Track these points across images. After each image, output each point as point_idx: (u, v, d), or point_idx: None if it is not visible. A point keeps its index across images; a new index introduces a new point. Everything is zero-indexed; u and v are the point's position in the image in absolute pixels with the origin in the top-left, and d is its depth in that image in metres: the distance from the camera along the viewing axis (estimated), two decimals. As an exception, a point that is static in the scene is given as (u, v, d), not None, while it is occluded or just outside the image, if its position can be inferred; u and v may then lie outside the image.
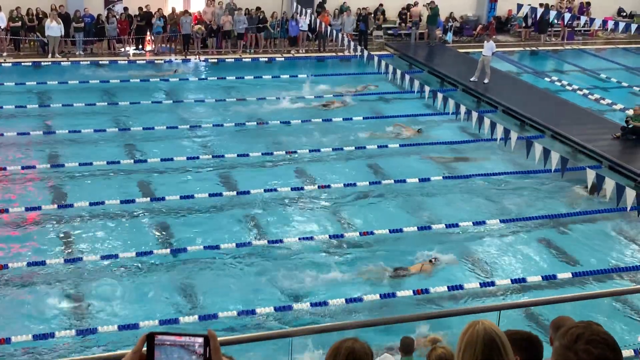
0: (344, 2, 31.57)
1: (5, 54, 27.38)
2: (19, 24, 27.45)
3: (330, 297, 12.81)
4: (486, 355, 3.34)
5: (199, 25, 28.98)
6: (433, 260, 14.19)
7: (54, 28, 26.94)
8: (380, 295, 12.88)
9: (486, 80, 25.47)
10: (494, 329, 3.40)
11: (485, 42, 26.27)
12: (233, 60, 28.69)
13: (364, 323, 9.86)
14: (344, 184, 17.52)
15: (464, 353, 3.38)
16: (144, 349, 2.42)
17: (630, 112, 21.36)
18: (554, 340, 5.56)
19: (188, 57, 28.61)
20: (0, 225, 15.17)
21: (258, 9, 29.93)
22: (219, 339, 2.41)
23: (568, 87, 27.09)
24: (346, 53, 29.31)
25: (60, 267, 13.57)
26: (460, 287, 13.23)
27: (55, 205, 15.97)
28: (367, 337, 4.60)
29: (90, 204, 15.93)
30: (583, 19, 31.44)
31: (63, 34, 27.34)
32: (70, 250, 14.26)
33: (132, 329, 11.72)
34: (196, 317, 12.12)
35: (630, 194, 15.38)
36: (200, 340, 2.39)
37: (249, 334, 11.08)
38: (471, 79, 25.76)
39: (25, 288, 12.97)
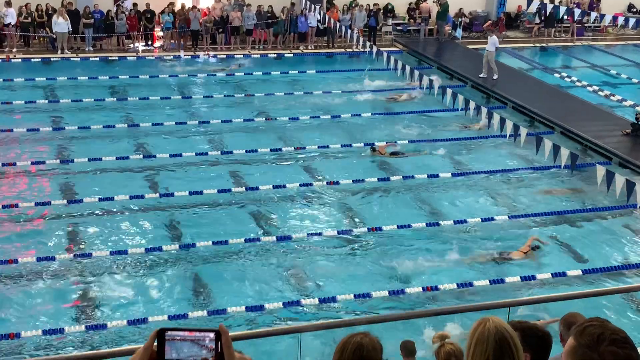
0: (354, -1, 31.59)
1: (15, 50, 27.46)
2: (29, 20, 27.53)
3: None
4: (497, 353, 3.29)
5: (208, 16, 29.02)
6: (537, 246, 14.60)
7: (61, 24, 27.00)
8: (389, 292, 12.87)
9: (495, 76, 25.38)
10: (505, 326, 3.36)
11: (488, 37, 26.18)
12: (242, 56, 28.69)
13: (374, 319, 9.84)
14: (353, 180, 17.50)
15: (475, 351, 3.34)
16: (155, 344, 2.41)
17: (637, 108, 21.26)
18: (565, 337, 5.56)
19: (197, 52, 28.63)
20: (9, 220, 15.23)
21: (293, 4, 29.87)
22: (230, 334, 2.40)
23: (578, 84, 26.98)
24: (355, 49, 29.26)
25: (70, 262, 13.61)
26: (470, 284, 13.21)
27: (65, 201, 16.01)
28: (377, 334, 4.59)
29: (100, 200, 15.98)
30: (593, 14, 31.29)
31: (71, 30, 27.39)
32: (79, 246, 14.30)
33: (141, 324, 11.76)
34: (205, 312, 12.15)
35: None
36: (212, 335, 2.38)
37: (258, 330, 11.12)
38: (480, 75, 25.69)
39: (35, 283, 13.01)
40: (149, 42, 29.20)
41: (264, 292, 12.99)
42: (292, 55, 29.32)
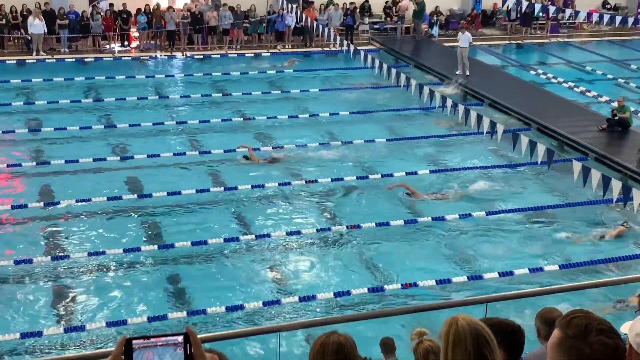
0: (331, -2, 31.61)
1: (-11, 51, 27.23)
2: (3, 21, 27.26)
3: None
4: (477, 350, 3.24)
5: (183, 12, 28.88)
6: (626, 225, 15.42)
7: (37, 26, 26.76)
8: (369, 289, 12.91)
9: (467, 73, 25.54)
10: (478, 322, 3.32)
11: (460, 33, 26.32)
12: (219, 56, 28.62)
13: (351, 317, 9.87)
14: (331, 179, 17.52)
15: (454, 351, 3.25)
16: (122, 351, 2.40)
17: (615, 104, 21.46)
18: (543, 332, 5.59)
19: (174, 53, 28.51)
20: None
21: (271, 5, 29.79)
22: (209, 334, 2.42)
23: (554, 80, 27.18)
24: (332, 48, 29.27)
25: (48, 265, 13.51)
26: (448, 280, 13.27)
27: (42, 203, 15.90)
28: (352, 331, 4.61)
29: (77, 201, 15.87)
30: (568, 11, 31.53)
31: (46, 31, 27.16)
32: (57, 248, 14.20)
33: (121, 325, 11.71)
34: (184, 313, 12.11)
35: (616, 185, 15.46)
36: (180, 338, 2.40)
37: (238, 330, 11.11)
38: (456, 72, 25.82)
39: (12, 286, 12.90)
40: (125, 43, 29.03)
41: (244, 291, 12.97)
42: (269, 54, 29.27)
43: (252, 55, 28.90)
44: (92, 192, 16.37)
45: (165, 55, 28.23)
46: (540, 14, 32.90)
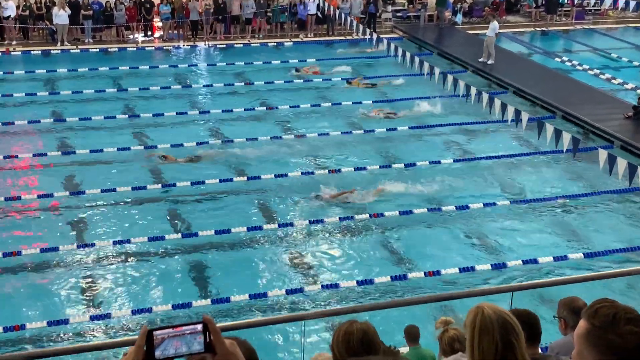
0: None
1: (14, 42, 27.44)
2: (27, 12, 27.48)
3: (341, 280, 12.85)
4: (504, 338, 3.23)
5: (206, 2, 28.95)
6: None
7: (62, 16, 26.97)
8: (392, 277, 12.89)
9: (490, 61, 25.35)
10: (503, 310, 3.31)
11: (490, 22, 26.19)
12: (242, 45, 28.65)
13: (375, 306, 9.88)
14: (355, 168, 17.50)
15: (481, 340, 3.24)
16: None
17: (639, 91, 21.23)
18: (570, 321, 5.55)
19: (197, 43, 28.58)
20: (12, 212, 15.25)
21: None
22: (232, 323, 2.43)
23: (579, 67, 26.93)
24: (355, 36, 29.17)
25: (73, 253, 13.65)
26: (472, 268, 13.23)
27: (67, 192, 16.04)
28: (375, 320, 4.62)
29: (102, 191, 16.01)
30: (593, -2, 31.21)
31: (70, 22, 27.35)
32: (82, 236, 14.33)
33: (146, 312, 11.81)
34: (209, 301, 12.17)
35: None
36: (199, 326, 2.42)
37: (262, 318, 11.15)
38: (480, 60, 25.66)
39: (39, 274, 13.05)
40: (149, 33, 29.16)
41: (267, 280, 13.01)
42: (291, 43, 29.24)
43: (275, 44, 28.88)
44: (116, 181, 16.49)
45: (188, 45, 28.31)
46: (565, 1, 32.56)
